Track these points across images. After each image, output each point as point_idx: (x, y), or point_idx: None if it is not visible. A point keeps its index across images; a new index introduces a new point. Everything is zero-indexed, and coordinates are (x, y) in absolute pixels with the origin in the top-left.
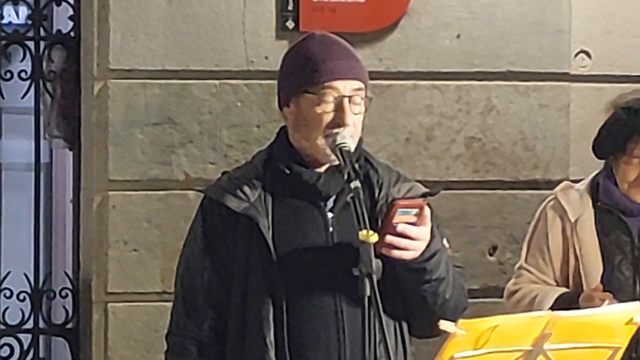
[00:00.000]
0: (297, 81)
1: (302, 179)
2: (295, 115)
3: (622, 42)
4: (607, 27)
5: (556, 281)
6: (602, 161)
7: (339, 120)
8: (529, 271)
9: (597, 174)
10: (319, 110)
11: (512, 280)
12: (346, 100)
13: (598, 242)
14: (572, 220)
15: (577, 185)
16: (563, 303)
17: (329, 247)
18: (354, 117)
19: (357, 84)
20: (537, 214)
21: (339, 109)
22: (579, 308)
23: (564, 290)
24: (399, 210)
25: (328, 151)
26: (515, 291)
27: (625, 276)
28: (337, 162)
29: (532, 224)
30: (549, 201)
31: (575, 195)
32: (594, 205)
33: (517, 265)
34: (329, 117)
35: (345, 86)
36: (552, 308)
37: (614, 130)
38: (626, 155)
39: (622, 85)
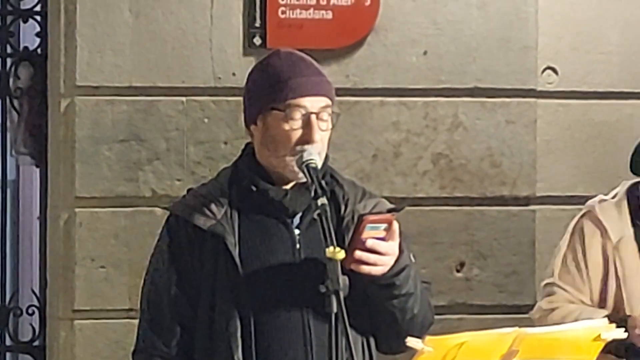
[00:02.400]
0: (264, 98)
1: (269, 196)
2: (262, 132)
3: (588, 58)
4: (573, 43)
5: (591, 300)
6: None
7: (307, 137)
8: (564, 289)
9: (631, 188)
10: (286, 127)
11: (546, 299)
12: (313, 117)
13: None
14: (614, 240)
15: (609, 199)
16: None
17: (296, 264)
18: (321, 134)
19: (324, 100)
20: (570, 228)
21: (307, 125)
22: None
23: (607, 312)
24: (368, 225)
25: (296, 168)
26: (552, 310)
27: None
28: (304, 180)
29: (565, 238)
30: (583, 215)
31: (613, 212)
32: (633, 224)
33: (548, 282)
34: (296, 134)
35: (312, 103)
36: None
37: None
38: None
39: (588, 101)
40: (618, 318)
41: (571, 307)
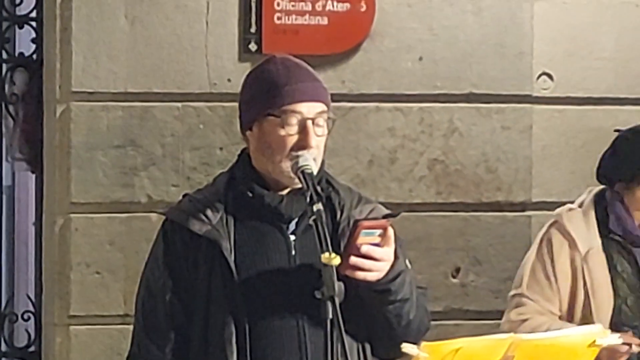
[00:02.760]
0: (259, 105)
1: (264, 201)
2: (258, 138)
3: (583, 64)
4: (569, 49)
5: (560, 311)
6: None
7: (303, 143)
8: (533, 300)
9: (597, 197)
10: (282, 133)
11: (515, 310)
12: (309, 122)
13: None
14: (582, 252)
15: (576, 208)
16: None
17: (291, 269)
18: (318, 139)
19: (320, 106)
20: (538, 238)
21: (303, 131)
22: None
23: (576, 325)
24: (363, 231)
25: (292, 174)
26: (522, 321)
27: (633, 311)
28: (299, 186)
29: (534, 248)
30: (551, 225)
31: (580, 222)
32: (600, 234)
33: (516, 292)
34: (292, 140)
35: (308, 109)
36: None
37: (629, 155)
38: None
39: (584, 107)
40: None
41: (542, 319)
